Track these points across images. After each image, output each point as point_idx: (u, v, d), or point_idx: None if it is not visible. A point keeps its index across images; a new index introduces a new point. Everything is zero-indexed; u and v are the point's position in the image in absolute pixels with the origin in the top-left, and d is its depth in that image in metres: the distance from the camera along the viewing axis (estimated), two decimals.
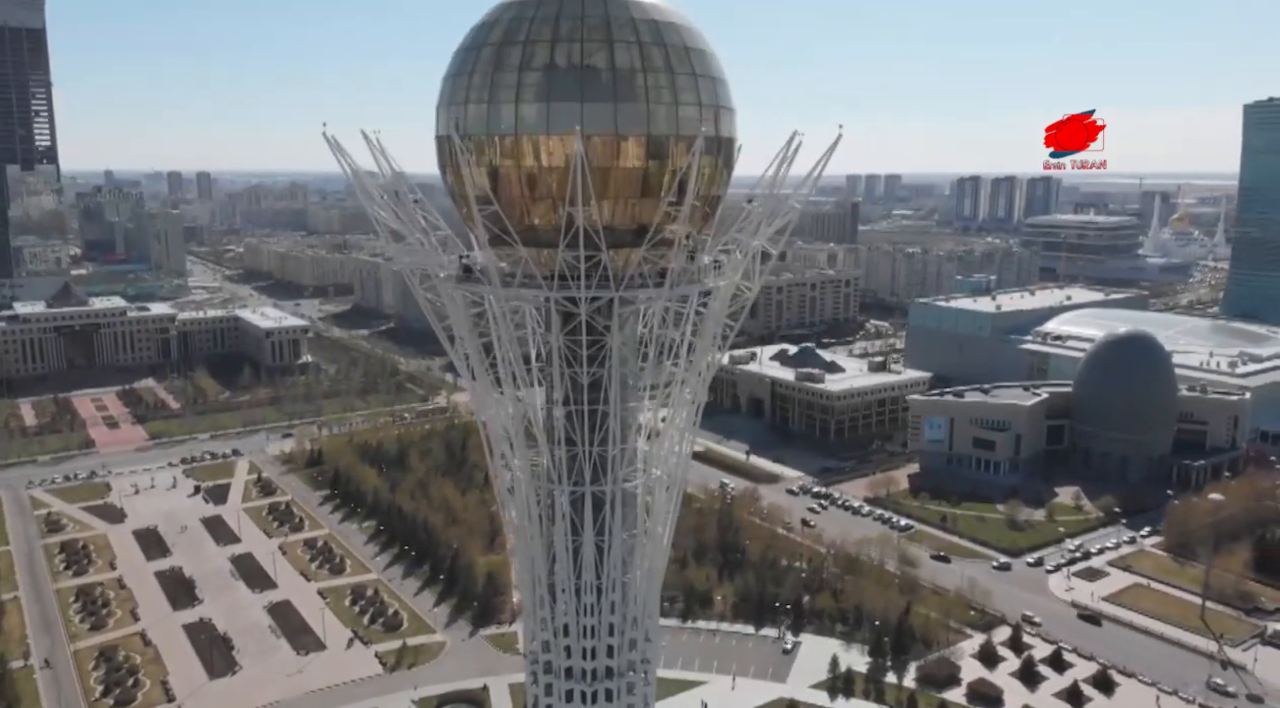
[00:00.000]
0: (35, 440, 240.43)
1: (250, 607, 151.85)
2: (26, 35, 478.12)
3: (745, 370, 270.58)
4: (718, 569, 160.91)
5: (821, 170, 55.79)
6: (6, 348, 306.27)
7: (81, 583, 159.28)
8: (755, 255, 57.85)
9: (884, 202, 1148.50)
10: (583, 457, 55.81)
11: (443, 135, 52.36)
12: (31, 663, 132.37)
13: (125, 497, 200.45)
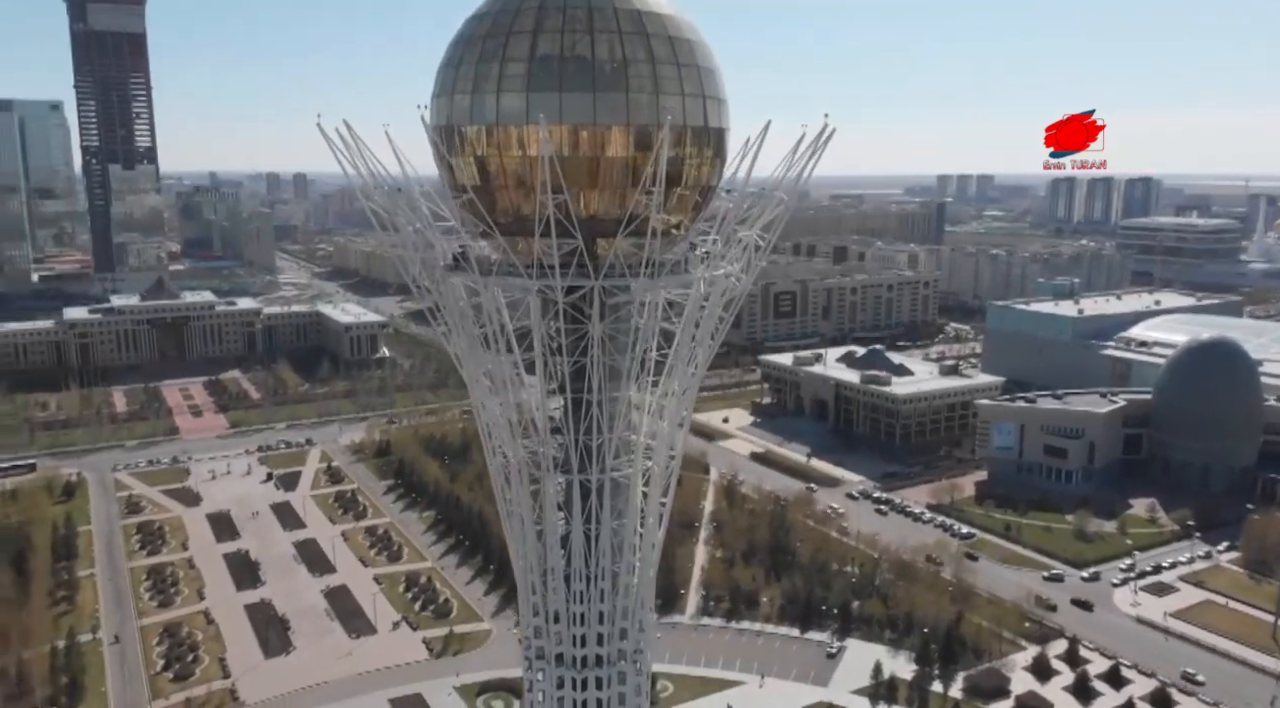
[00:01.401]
0: (125, 426, 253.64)
1: (309, 590, 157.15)
2: (127, 40, 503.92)
3: (810, 372, 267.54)
4: (766, 571, 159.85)
5: (812, 163, 55.10)
6: (103, 338, 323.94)
7: (154, 562, 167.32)
8: (749, 248, 57.41)
9: (975, 202, 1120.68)
10: (570, 445, 56.27)
11: (434, 126, 53.44)
12: (100, 637, 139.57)
13: (202, 482, 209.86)
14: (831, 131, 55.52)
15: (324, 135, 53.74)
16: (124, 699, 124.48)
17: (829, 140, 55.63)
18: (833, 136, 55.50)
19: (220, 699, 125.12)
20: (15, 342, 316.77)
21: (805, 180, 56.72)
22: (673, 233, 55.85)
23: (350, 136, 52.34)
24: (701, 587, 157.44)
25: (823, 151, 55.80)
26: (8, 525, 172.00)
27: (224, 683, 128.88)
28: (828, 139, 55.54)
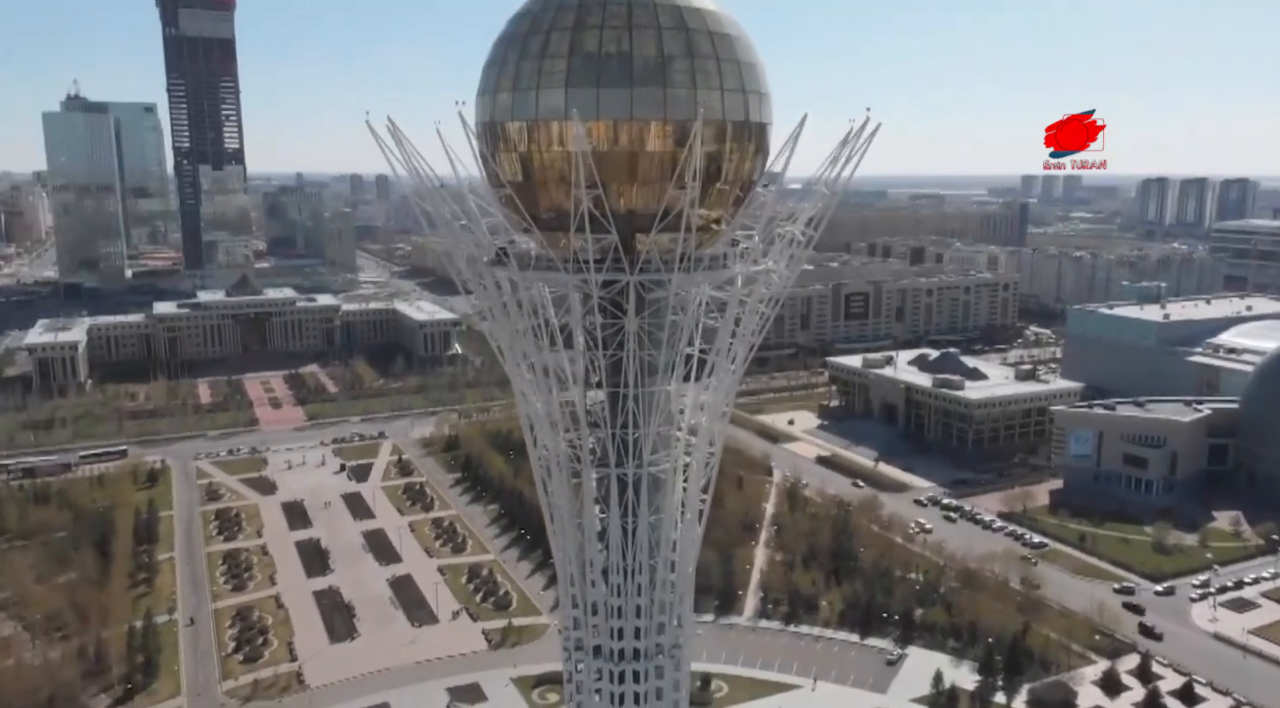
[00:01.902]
0: (207, 417, 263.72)
1: (375, 579, 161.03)
2: (217, 44, 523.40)
3: (879, 375, 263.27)
4: (826, 575, 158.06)
5: (857, 158, 54.49)
6: (190, 332, 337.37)
7: (230, 548, 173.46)
8: (791, 243, 57.02)
9: (1062, 204, 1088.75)
10: (608, 439, 56.64)
11: (478, 123, 54.32)
12: (176, 618, 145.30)
13: (279, 471, 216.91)
14: (877, 127, 54.97)
15: (373, 133, 55.16)
16: (196, 679, 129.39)
17: (874, 135, 55.08)
18: (878, 132, 54.96)
19: (287, 682, 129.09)
20: (108, 334, 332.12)
21: (849, 176, 56.08)
22: (712, 228, 55.83)
23: (395, 134, 53.53)
24: (760, 589, 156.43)
25: (867, 147, 55.25)
26: (94, 509, 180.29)
27: (291, 666, 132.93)
28: (873, 134, 55.00)
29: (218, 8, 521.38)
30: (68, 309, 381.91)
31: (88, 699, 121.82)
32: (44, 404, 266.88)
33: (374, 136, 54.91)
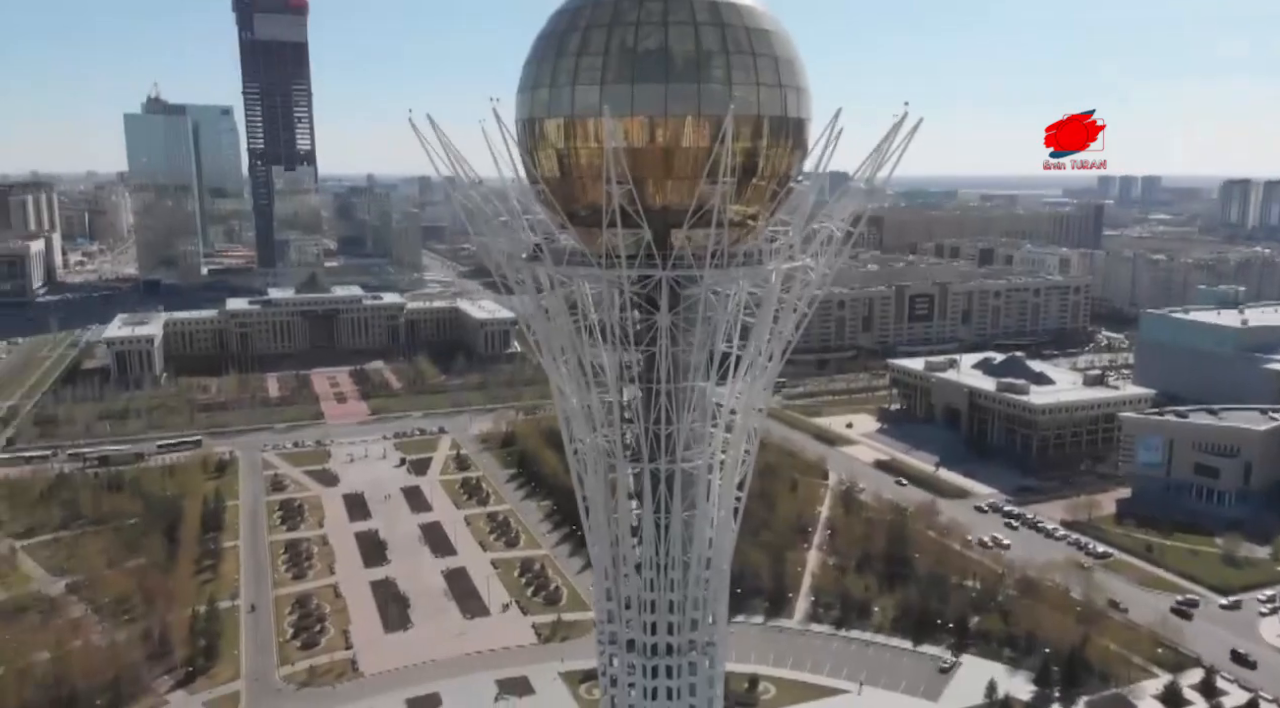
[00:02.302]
0: (275, 410, 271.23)
1: (430, 571, 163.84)
2: (291, 48, 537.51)
3: (942, 378, 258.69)
4: (880, 580, 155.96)
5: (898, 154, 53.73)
6: (260, 328, 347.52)
7: (292, 537, 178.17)
8: (831, 240, 56.51)
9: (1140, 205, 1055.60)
10: (641, 434, 56.83)
11: (518, 120, 54.94)
12: (238, 604, 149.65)
13: (341, 464, 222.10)
14: (918, 122, 54.13)
15: (415, 130, 56.12)
16: (255, 664, 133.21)
17: (915, 131, 54.30)
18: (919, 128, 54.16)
19: (341, 669, 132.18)
20: (183, 329, 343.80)
21: (890, 172, 55.37)
22: (749, 224, 55.61)
23: (436, 131, 54.44)
24: (811, 593, 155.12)
25: (908, 143, 54.40)
26: (164, 497, 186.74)
27: (346, 654, 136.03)
28: (914, 130, 54.20)
29: (291, 12, 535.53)
30: (146, 305, 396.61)
31: (151, 681, 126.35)
32: (120, 395, 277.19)
33: (416, 134, 55.97)
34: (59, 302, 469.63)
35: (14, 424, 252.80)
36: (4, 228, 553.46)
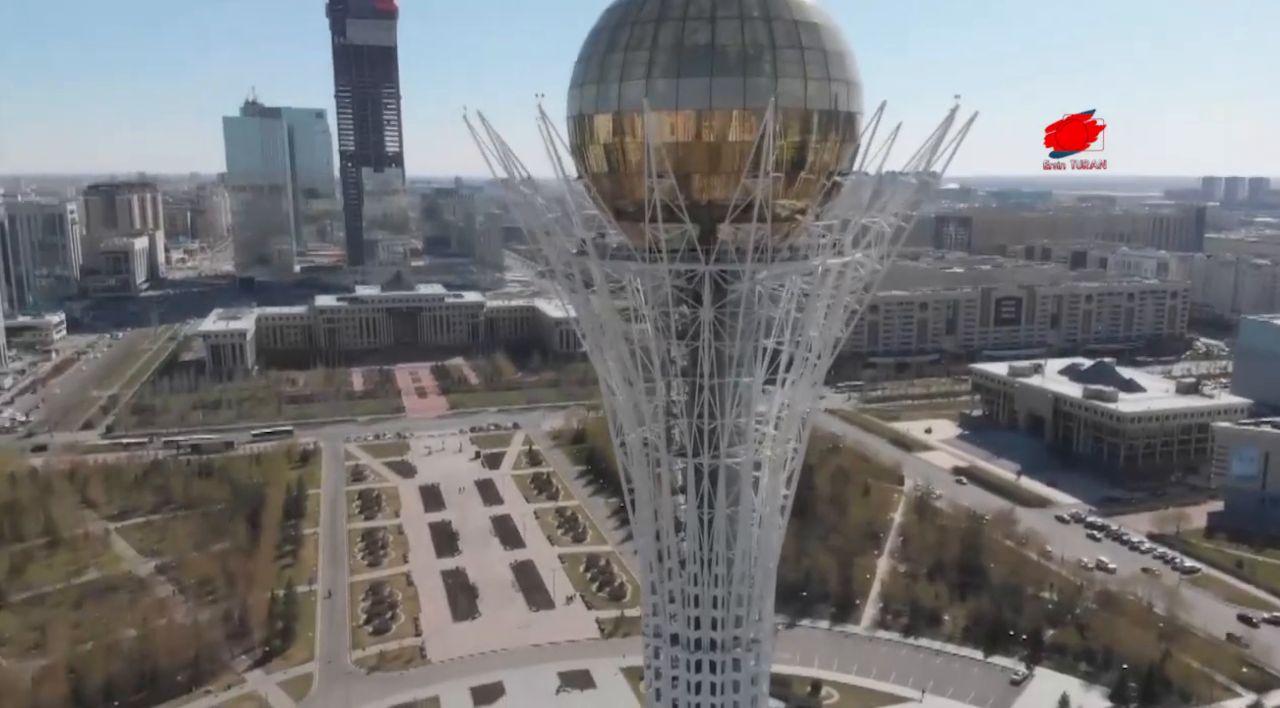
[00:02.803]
0: (359, 403, 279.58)
1: (499, 562, 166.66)
2: (381, 52, 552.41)
3: (1025, 384, 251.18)
4: (951, 589, 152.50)
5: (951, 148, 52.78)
6: (347, 324, 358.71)
7: (369, 526, 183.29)
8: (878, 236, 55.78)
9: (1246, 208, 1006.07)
10: (686, 429, 56.98)
11: (568, 117, 55.68)
12: (315, 590, 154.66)
13: (419, 456, 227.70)
14: (973, 116, 53.14)
15: (470, 128, 57.39)
16: (328, 647, 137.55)
17: (970, 125, 53.29)
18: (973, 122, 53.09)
19: (410, 655, 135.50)
20: (274, 324, 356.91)
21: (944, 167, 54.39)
22: (797, 219, 55.28)
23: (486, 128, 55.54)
24: (880, 599, 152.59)
25: (962, 138, 53.42)
26: (250, 485, 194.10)
27: (415, 641, 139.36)
28: (968, 124, 53.21)
29: (382, 16, 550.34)
30: (241, 301, 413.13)
31: (230, 660, 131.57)
32: (214, 387, 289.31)
33: (470, 131, 57.19)
34: (160, 297, 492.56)
35: (114, 412, 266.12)
36: (111, 226, 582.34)
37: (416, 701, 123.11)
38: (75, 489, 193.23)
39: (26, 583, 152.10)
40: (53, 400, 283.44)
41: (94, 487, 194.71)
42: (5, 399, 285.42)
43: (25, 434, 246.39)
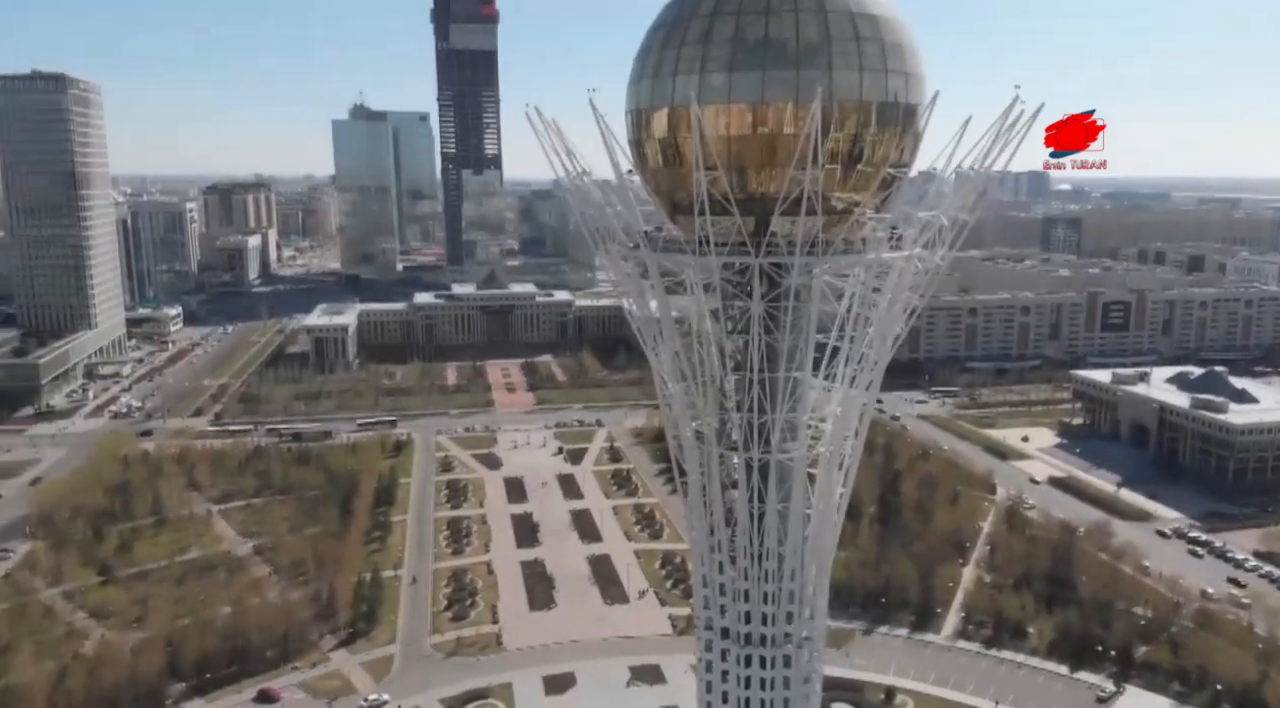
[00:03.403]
0: (451, 397, 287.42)
1: (576, 555, 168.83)
2: (482, 57, 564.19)
3: (1129, 392, 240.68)
4: (1038, 601, 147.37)
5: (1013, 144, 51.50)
6: (443, 321, 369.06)
7: (454, 515, 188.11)
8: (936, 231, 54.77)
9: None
10: (735, 423, 57.06)
11: (627, 111, 56.44)
12: (400, 575, 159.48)
13: (505, 450, 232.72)
14: (1039, 108, 51.85)
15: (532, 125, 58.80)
16: (409, 631, 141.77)
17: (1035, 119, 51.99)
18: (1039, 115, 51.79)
19: (487, 642, 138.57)
20: (375, 320, 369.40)
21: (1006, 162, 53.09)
22: (854, 212, 54.74)
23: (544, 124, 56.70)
24: (962, 609, 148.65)
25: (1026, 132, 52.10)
26: (345, 473, 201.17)
27: (492, 628, 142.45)
28: (1034, 118, 51.91)
29: (484, 21, 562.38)
30: (346, 297, 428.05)
31: (317, 639, 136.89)
32: (316, 378, 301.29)
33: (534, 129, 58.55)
34: (271, 292, 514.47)
35: (222, 401, 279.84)
36: (227, 225, 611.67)
37: (491, 686, 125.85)
38: (183, 472, 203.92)
39: (133, 560, 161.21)
40: (166, 389, 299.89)
41: (200, 471, 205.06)
42: (124, 387, 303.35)
43: (143, 419, 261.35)
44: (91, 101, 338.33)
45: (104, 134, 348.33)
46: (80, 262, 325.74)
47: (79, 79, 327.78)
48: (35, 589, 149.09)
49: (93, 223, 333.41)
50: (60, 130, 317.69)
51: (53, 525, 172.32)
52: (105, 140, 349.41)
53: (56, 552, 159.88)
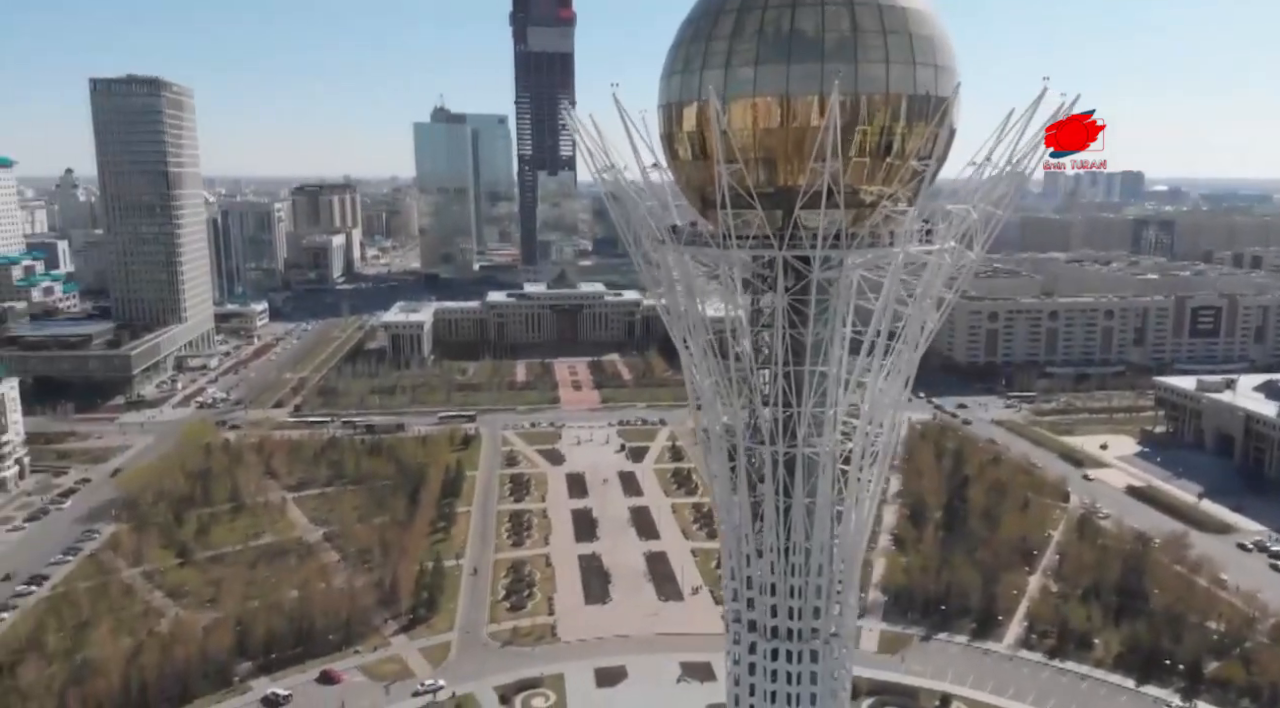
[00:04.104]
0: (519, 394, 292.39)
1: (633, 551, 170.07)
2: (559, 59, 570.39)
3: (1214, 400, 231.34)
4: (1106, 612, 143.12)
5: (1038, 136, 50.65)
6: (514, 319, 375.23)
7: (516, 508, 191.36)
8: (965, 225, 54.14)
9: None
10: (760, 417, 57.25)
11: (659, 106, 57.12)
12: (462, 565, 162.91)
13: (569, 446, 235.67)
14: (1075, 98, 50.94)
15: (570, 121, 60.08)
16: (468, 619, 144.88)
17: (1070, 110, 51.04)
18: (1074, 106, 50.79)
19: (542, 632, 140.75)
20: (449, 317, 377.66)
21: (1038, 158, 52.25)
22: (884, 205, 54.48)
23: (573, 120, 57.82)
24: (1026, 618, 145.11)
25: None
26: (414, 464, 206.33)
27: (548, 619, 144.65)
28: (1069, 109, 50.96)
29: (561, 24, 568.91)
30: (424, 296, 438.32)
31: (378, 623, 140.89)
32: (392, 373, 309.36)
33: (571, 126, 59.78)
34: (353, 290, 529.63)
35: (302, 393, 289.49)
36: (314, 224, 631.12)
37: (543, 676, 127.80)
38: (261, 461, 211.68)
39: (210, 543, 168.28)
40: (250, 381, 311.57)
41: (277, 459, 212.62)
42: (210, 378, 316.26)
43: (226, 409, 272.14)
44: (184, 104, 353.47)
45: (195, 136, 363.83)
46: (172, 258, 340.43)
47: (173, 83, 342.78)
48: (117, 569, 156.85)
49: (184, 221, 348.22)
50: (155, 132, 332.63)
51: (136, 509, 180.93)
52: (197, 142, 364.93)
53: (138, 534, 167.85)
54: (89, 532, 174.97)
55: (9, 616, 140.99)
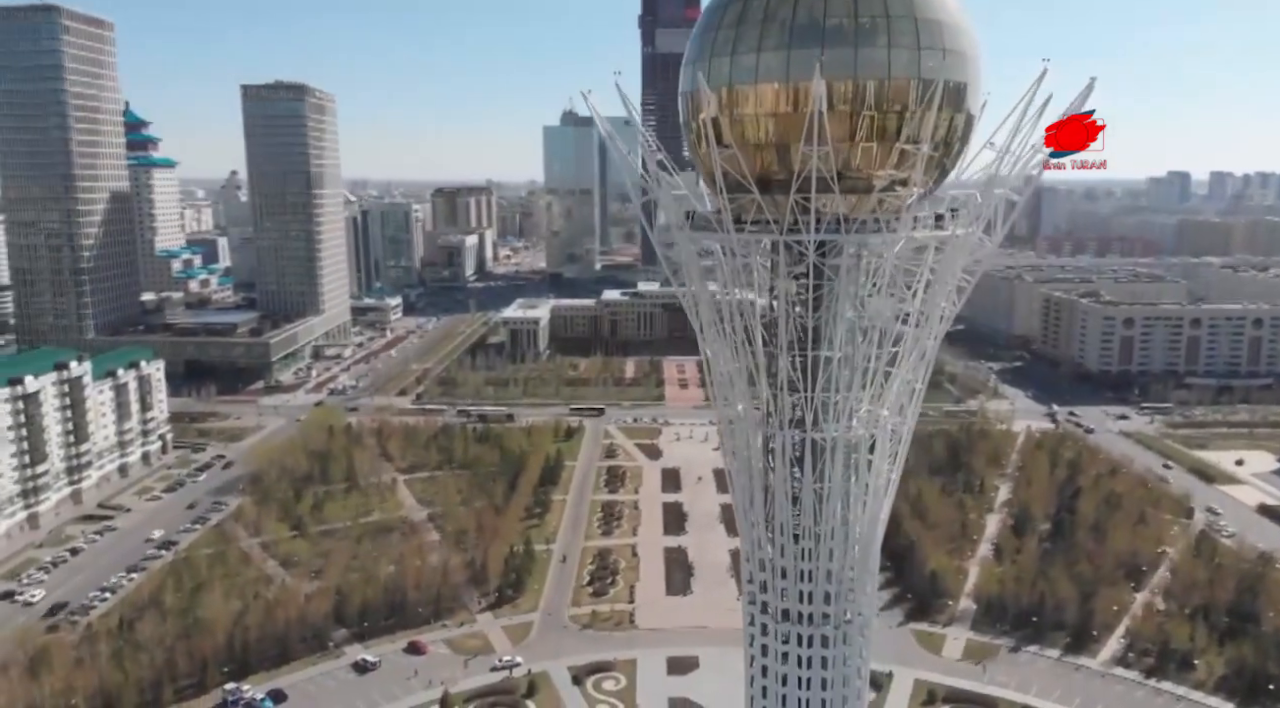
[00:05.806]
0: (626, 390, 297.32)
1: (719, 547, 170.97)
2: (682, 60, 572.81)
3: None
4: (1211, 632, 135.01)
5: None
6: (627, 317, 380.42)
7: (610, 499, 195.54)
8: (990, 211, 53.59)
9: None
10: (770, 401, 58.13)
11: (681, 93, 58.84)
12: (552, 550, 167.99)
13: (667, 442, 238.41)
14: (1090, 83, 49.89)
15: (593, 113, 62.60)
16: (551, 601, 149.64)
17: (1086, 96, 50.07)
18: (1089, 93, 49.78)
19: (620, 619, 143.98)
20: (565, 314, 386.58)
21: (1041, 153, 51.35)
22: (897, 190, 54.51)
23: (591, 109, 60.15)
24: (1125, 635, 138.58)
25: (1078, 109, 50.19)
26: (517, 453, 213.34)
27: (628, 607, 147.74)
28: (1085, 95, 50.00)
29: (686, 25, 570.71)
30: (548, 294, 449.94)
31: (467, 600, 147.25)
32: (508, 366, 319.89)
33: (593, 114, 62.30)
34: (483, 288, 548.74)
35: (424, 383, 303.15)
36: (451, 225, 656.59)
37: (617, 660, 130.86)
38: (378, 444, 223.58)
39: (323, 518, 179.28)
40: (378, 371, 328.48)
41: (393, 443, 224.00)
42: (343, 367, 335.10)
43: (355, 396, 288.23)
44: (326, 108, 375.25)
45: (337, 138, 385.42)
46: (311, 254, 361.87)
47: (316, 89, 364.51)
48: (238, 538, 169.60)
49: (324, 219, 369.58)
50: (299, 135, 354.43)
51: (261, 484, 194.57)
52: (338, 144, 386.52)
53: (260, 507, 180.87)
54: (218, 504, 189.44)
55: (138, 576, 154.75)
